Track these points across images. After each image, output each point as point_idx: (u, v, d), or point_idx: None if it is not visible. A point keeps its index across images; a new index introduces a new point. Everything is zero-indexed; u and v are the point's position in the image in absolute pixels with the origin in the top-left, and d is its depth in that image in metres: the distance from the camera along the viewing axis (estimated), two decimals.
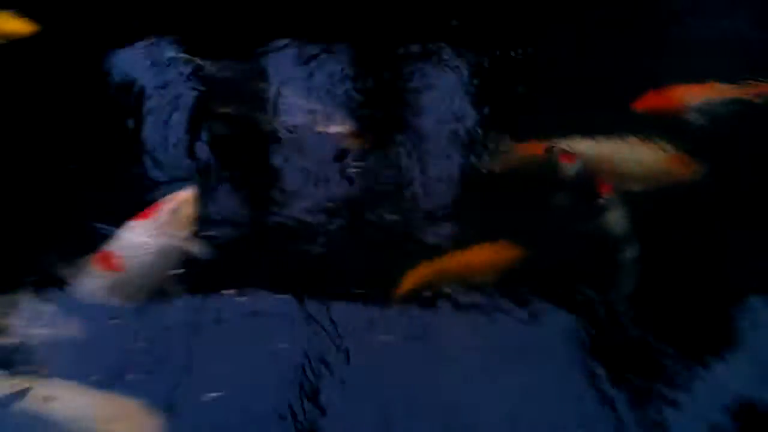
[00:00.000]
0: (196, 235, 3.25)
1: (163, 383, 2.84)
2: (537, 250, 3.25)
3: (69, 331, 2.97)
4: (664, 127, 3.68)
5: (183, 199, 3.31)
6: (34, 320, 2.99)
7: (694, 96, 3.87)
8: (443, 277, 3.27)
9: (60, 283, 3.08)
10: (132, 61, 4.08)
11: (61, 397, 2.78)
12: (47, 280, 3.09)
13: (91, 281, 3.07)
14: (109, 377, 2.85)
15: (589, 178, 3.62)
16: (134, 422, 2.75)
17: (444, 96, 4.02)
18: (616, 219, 3.45)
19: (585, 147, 3.63)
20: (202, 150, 3.66)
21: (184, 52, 4.07)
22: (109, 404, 2.79)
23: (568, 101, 3.87)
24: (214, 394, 2.80)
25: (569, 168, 3.67)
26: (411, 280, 3.23)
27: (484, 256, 3.37)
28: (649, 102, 3.88)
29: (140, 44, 4.16)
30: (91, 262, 3.11)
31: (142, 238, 3.17)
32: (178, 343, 2.97)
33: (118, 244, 3.16)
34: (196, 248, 3.19)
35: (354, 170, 3.59)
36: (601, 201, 3.48)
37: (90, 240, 3.19)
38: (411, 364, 2.97)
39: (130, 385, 2.82)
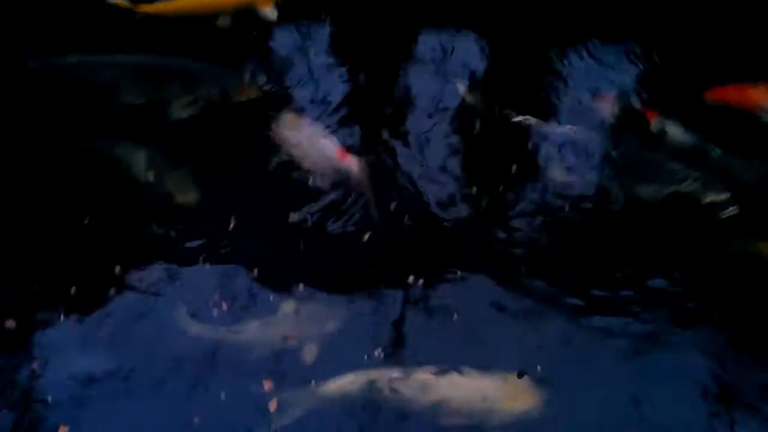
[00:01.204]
0: None
1: None
2: None
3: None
4: None
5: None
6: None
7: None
8: None
9: None
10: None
11: (455, 382, 2.87)
12: None
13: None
14: None
15: (633, 113, 4.01)
16: (526, 397, 2.80)
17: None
18: (678, 133, 3.86)
19: None
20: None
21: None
22: (500, 383, 2.85)
23: None
24: None
25: (606, 109, 4.07)
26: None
27: None
28: (722, 94, 3.98)
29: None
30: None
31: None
32: None
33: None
34: None
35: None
36: (655, 126, 3.90)
37: None
38: None
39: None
